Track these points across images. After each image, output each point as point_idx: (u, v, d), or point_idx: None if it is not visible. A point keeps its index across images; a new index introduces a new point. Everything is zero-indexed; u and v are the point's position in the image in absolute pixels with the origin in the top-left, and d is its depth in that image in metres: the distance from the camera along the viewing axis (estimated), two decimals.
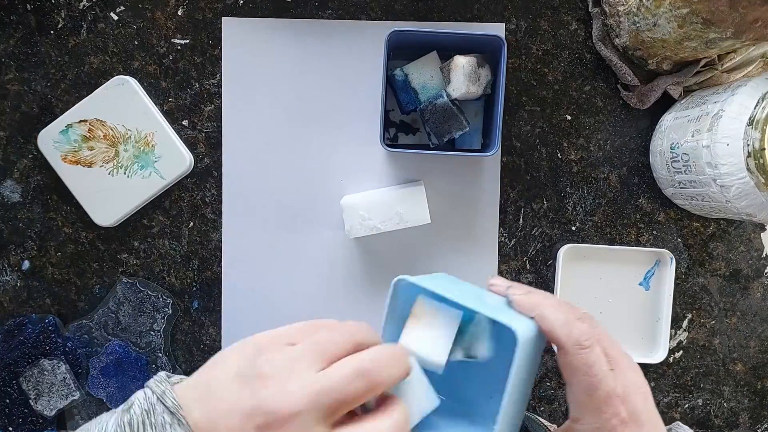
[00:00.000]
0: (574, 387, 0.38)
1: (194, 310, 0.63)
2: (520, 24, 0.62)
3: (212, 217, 0.62)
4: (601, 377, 0.38)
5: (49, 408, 0.61)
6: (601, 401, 0.38)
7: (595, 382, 0.38)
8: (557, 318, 0.39)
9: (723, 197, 0.51)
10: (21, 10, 0.61)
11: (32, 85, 0.61)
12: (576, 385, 0.38)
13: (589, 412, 0.38)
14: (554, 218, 0.63)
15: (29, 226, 0.62)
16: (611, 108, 0.63)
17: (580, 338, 0.38)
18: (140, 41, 0.61)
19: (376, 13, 0.61)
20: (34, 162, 0.62)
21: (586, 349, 0.38)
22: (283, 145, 0.62)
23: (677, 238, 0.63)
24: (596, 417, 0.38)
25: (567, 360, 0.38)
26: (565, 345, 0.38)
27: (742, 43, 0.51)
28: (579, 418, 0.39)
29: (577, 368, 0.38)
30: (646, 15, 0.54)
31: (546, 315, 0.39)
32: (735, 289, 0.64)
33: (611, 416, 0.38)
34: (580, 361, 0.38)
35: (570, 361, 0.38)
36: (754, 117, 0.48)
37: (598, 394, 0.38)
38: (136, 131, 0.60)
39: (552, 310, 0.39)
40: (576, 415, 0.39)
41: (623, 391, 0.38)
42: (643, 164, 0.63)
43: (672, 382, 0.64)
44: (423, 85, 0.59)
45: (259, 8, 0.61)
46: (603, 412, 0.38)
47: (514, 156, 0.63)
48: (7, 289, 0.62)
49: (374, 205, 0.59)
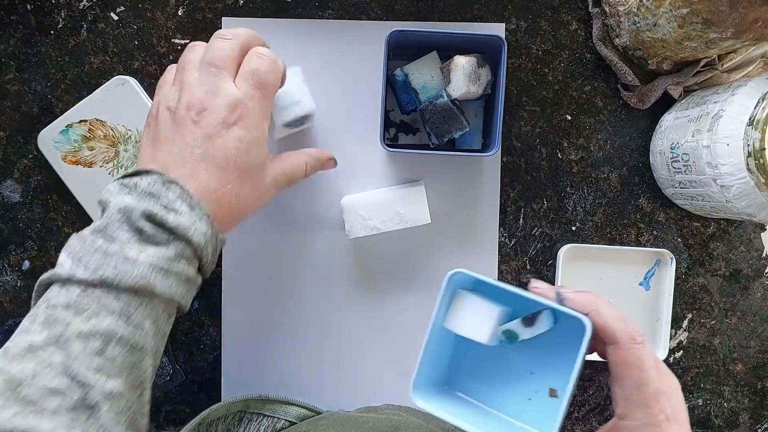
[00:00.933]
0: (625, 382, 0.40)
1: (194, 310, 0.63)
2: (520, 24, 0.62)
3: None
4: (652, 374, 0.39)
5: None
6: (650, 397, 0.39)
7: (645, 377, 0.39)
8: (613, 314, 0.40)
9: (723, 197, 0.51)
10: (21, 10, 0.61)
11: (32, 85, 0.61)
12: (627, 380, 0.40)
13: (638, 408, 0.39)
14: (554, 218, 0.63)
15: (29, 226, 0.62)
16: (611, 108, 0.63)
17: (635, 334, 0.40)
18: (140, 41, 0.61)
19: (376, 13, 0.61)
20: (34, 162, 0.62)
21: (639, 344, 0.40)
22: (283, 145, 0.62)
23: (677, 238, 0.63)
24: (644, 412, 0.39)
25: (620, 355, 0.40)
26: (620, 339, 0.40)
27: (742, 43, 0.51)
28: (627, 414, 0.40)
29: (630, 363, 0.39)
30: (646, 15, 0.54)
31: (601, 311, 0.40)
32: (735, 289, 0.64)
33: (658, 412, 0.39)
34: (633, 356, 0.39)
35: (623, 356, 0.39)
36: (754, 117, 0.48)
37: (648, 389, 0.39)
38: (137, 131, 0.60)
39: (606, 307, 0.41)
40: (624, 412, 0.40)
41: (668, 389, 0.40)
42: (643, 164, 0.63)
43: None
44: (423, 85, 0.59)
45: (259, 8, 0.61)
46: (651, 408, 0.39)
47: (514, 156, 0.63)
48: (7, 289, 0.62)
49: (374, 205, 0.59)
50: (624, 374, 0.40)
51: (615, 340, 0.40)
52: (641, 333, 0.40)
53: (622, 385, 0.40)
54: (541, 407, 0.44)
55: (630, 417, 0.40)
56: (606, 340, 0.40)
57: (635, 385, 0.39)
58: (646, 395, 0.39)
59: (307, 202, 0.62)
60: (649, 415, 0.39)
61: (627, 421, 0.40)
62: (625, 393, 0.40)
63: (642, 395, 0.39)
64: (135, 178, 0.42)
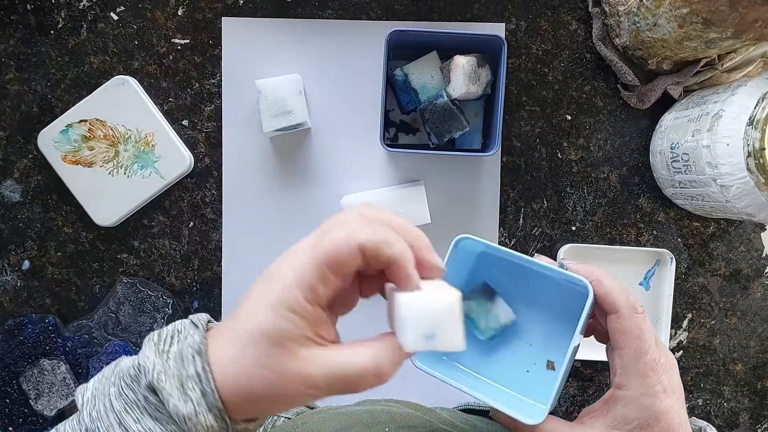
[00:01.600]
0: (625, 351, 0.40)
1: (194, 310, 0.63)
2: (520, 24, 0.62)
3: (212, 217, 0.62)
4: (651, 344, 0.40)
5: (49, 408, 0.61)
6: (648, 366, 0.39)
7: (645, 347, 0.39)
8: (615, 284, 0.41)
9: (723, 197, 0.51)
10: (21, 10, 0.61)
11: (32, 85, 0.61)
12: (627, 348, 0.40)
13: (636, 377, 0.39)
14: (554, 218, 0.63)
15: (29, 226, 0.62)
16: (611, 108, 0.63)
17: (636, 304, 0.40)
18: (140, 41, 0.61)
19: (376, 13, 0.61)
20: (34, 162, 0.62)
21: (640, 314, 0.40)
22: (283, 145, 0.62)
23: (677, 238, 0.63)
24: (642, 382, 0.39)
25: (620, 323, 0.40)
26: (622, 308, 0.40)
27: (742, 43, 0.51)
28: (624, 384, 0.40)
29: (630, 332, 0.40)
30: (646, 15, 0.54)
31: (603, 281, 0.41)
32: (735, 289, 0.64)
33: (655, 382, 0.39)
34: (634, 325, 0.40)
35: (624, 325, 0.40)
36: (754, 117, 0.48)
37: (646, 359, 0.39)
38: (136, 131, 0.60)
39: (608, 278, 0.41)
40: (622, 381, 0.40)
41: (666, 361, 0.40)
42: (643, 164, 0.63)
43: None
44: (423, 85, 0.59)
45: (259, 8, 0.61)
46: (649, 377, 0.39)
47: (514, 156, 0.63)
48: (7, 289, 0.62)
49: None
50: (623, 343, 0.40)
51: (616, 309, 0.40)
52: (642, 304, 0.41)
53: (620, 354, 0.40)
54: (539, 379, 0.44)
55: (627, 386, 0.40)
56: (607, 310, 0.41)
57: (634, 354, 0.40)
58: (643, 365, 0.39)
59: (307, 202, 0.62)
60: (647, 384, 0.39)
61: (624, 391, 0.40)
62: (624, 362, 0.40)
63: (640, 365, 0.39)
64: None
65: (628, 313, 0.40)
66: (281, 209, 0.62)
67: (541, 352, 0.45)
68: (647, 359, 0.39)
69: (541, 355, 0.45)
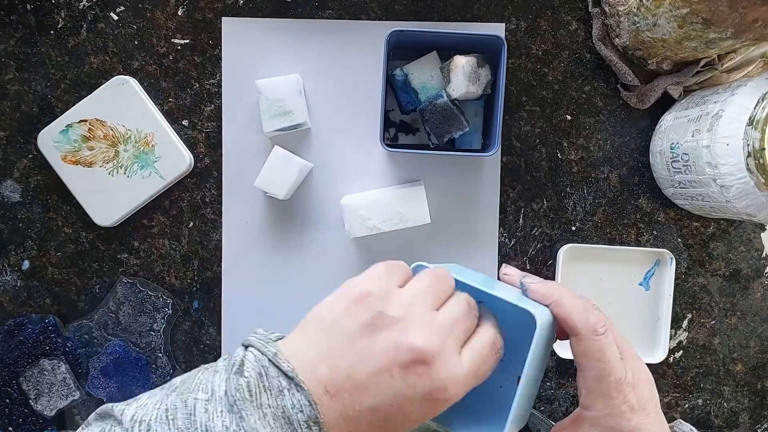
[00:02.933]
0: (587, 373, 0.40)
1: (194, 310, 0.63)
2: (520, 24, 0.62)
3: (212, 217, 0.62)
4: (614, 364, 0.39)
5: (49, 408, 0.61)
6: (612, 387, 0.39)
7: (607, 368, 0.39)
8: (574, 305, 0.40)
9: (723, 197, 0.51)
10: (21, 10, 0.61)
11: (32, 85, 0.61)
12: (589, 370, 0.39)
13: (600, 399, 0.39)
14: (554, 218, 0.63)
15: (29, 226, 0.62)
16: (611, 108, 0.63)
17: (596, 325, 0.39)
18: (140, 41, 0.61)
19: (376, 13, 0.61)
20: (34, 162, 0.62)
21: (600, 335, 0.39)
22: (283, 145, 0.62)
23: (677, 238, 0.63)
24: (606, 403, 0.39)
25: (581, 346, 0.39)
26: (581, 331, 0.39)
27: (742, 43, 0.51)
28: (589, 405, 0.40)
29: (591, 354, 0.39)
30: (646, 15, 0.54)
31: (562, 302, 0.40)
32: (735, 289, 0.64)
33: (621, 402, 0.39)
34: (594, 347, 0.39)
35: (584, 347, 0.39)
36: (754, 117, 0.48)
37: (610, 380, 0.39)
38: (136, 131, 0.60)
39: (568, 298, 0.40)
40: (586, 402, 0.40)
41: (633, 378, 0.40)
42: (643, 164, 0.63)
43: (672, 382, 0.64)
44: (423, 85, 0.59)
45: (259, 8, 0.61)
46: (613, 398, 0.39)
47: (514, 156, 0.63)
48: (7, 289, 0.62)
49: (374, 205, 0.59)
50: (585, 365, 0.40)
51: (576, 332, 0.39)
52: (605, 323, 0.40)
53: (584, 376, 0.40)
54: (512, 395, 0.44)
55: (592, 407, 0.40)
56: (568, 332, 0.40)
57: (596, 376, 0.39)
58: (607, 386, 0.39)
59: (307, 202, 0.62)
60: (611, 405, 0.39)
61: (590, 412, 0.40)
62: (587, 384, 0.40)
63: (603, 386, 0.39)
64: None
65: (588, 335, 0.39)
66: (281, 209, 0.62)
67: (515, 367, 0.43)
68: (610, 380, 0.39)
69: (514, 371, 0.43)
